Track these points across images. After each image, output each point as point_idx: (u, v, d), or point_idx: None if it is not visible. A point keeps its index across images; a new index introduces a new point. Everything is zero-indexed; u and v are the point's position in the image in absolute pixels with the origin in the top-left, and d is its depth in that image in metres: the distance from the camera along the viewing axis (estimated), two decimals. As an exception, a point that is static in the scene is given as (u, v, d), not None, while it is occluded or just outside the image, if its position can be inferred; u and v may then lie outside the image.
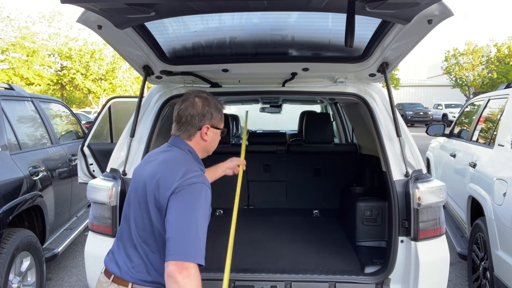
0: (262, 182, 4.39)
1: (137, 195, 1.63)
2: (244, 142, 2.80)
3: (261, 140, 4.83)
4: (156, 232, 1.56)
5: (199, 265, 1.44)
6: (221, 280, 2.53)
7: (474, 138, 4.45)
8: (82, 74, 28.76)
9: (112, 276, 1.62)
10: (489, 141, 3.89)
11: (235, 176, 2.40)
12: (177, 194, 1.49)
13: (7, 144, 3.41)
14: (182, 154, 1.68)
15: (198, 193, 1.52)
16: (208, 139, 1.74)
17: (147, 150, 2.68)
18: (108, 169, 2.66)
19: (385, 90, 2.74)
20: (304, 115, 4.85)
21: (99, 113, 4.82)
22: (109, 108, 4.83)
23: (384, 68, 2.58)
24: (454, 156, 4.81)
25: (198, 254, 1.44)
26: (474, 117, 4.78)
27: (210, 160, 2.20)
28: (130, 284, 1.58)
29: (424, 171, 2.58)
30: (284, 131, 6.23)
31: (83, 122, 6.46)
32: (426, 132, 5.89)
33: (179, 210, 1.47)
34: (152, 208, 1.55)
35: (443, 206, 2.57)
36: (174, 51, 2.55)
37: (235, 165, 2.35)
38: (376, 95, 2.81)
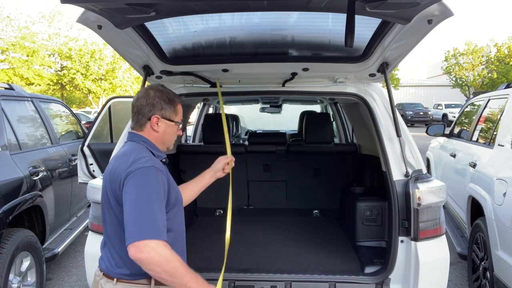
0: (262, 182, 4.39)
1: (103, 197, 1.66)
2: (226, 134, 2.50)
3: (261, 140, 4.83)
4: (122, 226, 1.52)
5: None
6: (225, 280, 2.53)
7: (474, 138, 4.45)
8: (82, 74, 28.76)
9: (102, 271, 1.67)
10: (489, 141, 3.89)
11: (234, 176, 2.37)
12: (127, 182, 1.51)
13: (7, 144, 3.41)
14: (134, 146, 1.68)
15: (146, 175, 1.52)
16: (159, 130, 1.71)
17: None
18: (108, 169, 2.66)
19: (385, 90, 2.74)
20: (304, 115, 4.85)
21: (99, 113, 4.82)
22: (109, 108, 4.83)
23: (384, 68, 2.58)
24: (454, 156, 4.81)
25: (156, 231, 1.43)
26: (474, 117, 4.78)
27: (210, 162, 2.20)
28: (114, 280, 1.60)
29: (424, 171, 2.58)
30: (284, 131, 6.23)
31: (83, 122, 6.46)
32: (426, 132, 5.89)
33: (129, 195, 1.49)
34: (113, 202, 1.58)
35: (443, 206, 2.57)
36: (174, 51, 2.55)
37: (224, 165, 2.19)
38: (376, 95, 2.81)
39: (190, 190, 2.10)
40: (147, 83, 2.85)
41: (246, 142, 4.84)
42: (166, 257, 1.40)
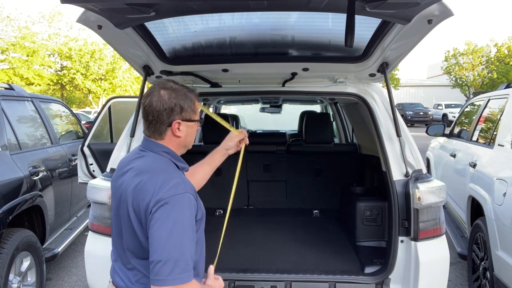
0: (262, 182, 4.39)
1: (122, 212, 1.49)
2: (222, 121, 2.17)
3: (261, 140, 4.83)
4: (144, 247, 1.42)
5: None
6: (225, 280, 2.53)
7: (474, 138, 4.45)
8: (82, 74, 28.77)
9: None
10: (489, 141, 3.89)
11: (234, 175, 2.33)
12: (157, 211, 1.34)
13: (7, 144, 3.41)
14: (157, 159, 1.51)
15: (179, 206, 1.36)
16: (182, 134, 1.53)
17: None
18: (108, 169, 2.66)
19: (385, 90, 2.74)
20: (304, 115, 4.85)
21: (99, 113, 4.82)
22: (109, 108, 4.83)
23: (384, 68, 2.58)
24: (454, 156, 4.81)
25: (187, 275, 1.32)
26: (474, 117, 4.78)
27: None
28: None
29: (424, 171, 2.58)
30: (284, 131, 6.23)
31: (83, 122, 6.46)
32: (426, 132, 5.89)
33: (161, 229, 1.32)
34: (136, 223, 1.42)
35: (443, 206, 2.57)
36: (174, 51, 2.55)
37: (236, 142, 2.01)
38: (376, 95, 2.81)
39: (201, 173, 1.97)
40: (147, 84, 2.85)
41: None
42: None
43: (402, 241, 2.49)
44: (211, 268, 1.64)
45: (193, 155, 2.16)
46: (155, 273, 1.30)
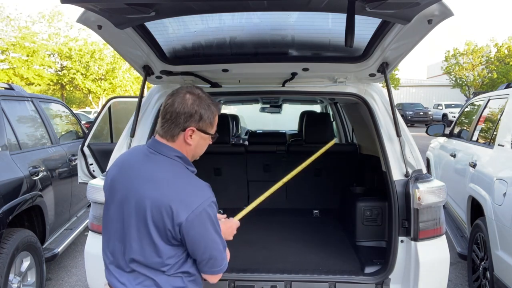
0: (262, 182, 4.38)
1: (131, 220, 1.46)
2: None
3: (261, 140, 4.83)
4: (162, 255, 1.44)
5: None
6: (221, 280, 2.53)
7: (474, 138, 4.45)
8: (82, 74, 28.78)
9: None
10: (489, 141, 3.89)
11: (234, 176, 2.34)
12: (195, 220, 1.39)
13: (7, 144, 3.41)
14: (172, 165, 1.48)
15: (211, 210, 1.43)
16: (193, 143, 1.51)
17: None
18: (108, 169, 2.66)
19: (385, 90, 2.74)
20: (304, 115, 4.85)
21: (99, 113, 4.82)
22: (109, 108, 4.83)
23: (384, 68, 2.58)
24: (454, 156, 4.81)
25: (225, 263, 1.54)
26: (474, 117, 4.78)
27: (210, 162, 2.18)
28: None
29: (424, 171, 2.58)
30: (284, 131, 6.23)
31: (83, 122, 6.46)
32: (426, 132, 5.89)
33: (205, 235, 1.43)
34: (159, 237, 1.41)
35: (443, 206, 2.57)
36: (174, 51, 2.55)
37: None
38: (376, 95, 2.81)
39: None
40: (147, 84, 2.86)
41: (246, 142, 4.84)
42: None
43: (402, 241, 2.49)
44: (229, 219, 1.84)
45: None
46: (210, 266, 1.50)
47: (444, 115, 28.07)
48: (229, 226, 1.82)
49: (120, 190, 1.51)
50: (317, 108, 7.22)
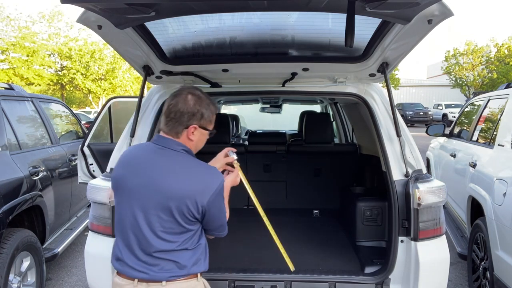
0: (262, 182, 4.39)
1: (146, 207, 1.61)
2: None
3: (261, 140, 4.83)
4: (184, 234, 1.64)
5: None
6: (221, 280, 2.52)
7: (474, 138, 4.45)
8: (82, 74, 28.78)
9: (136, 279, 1.65)
10: (489, 141, 3.89)
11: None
12: (212, 202, 1.62)
13: (7, 144, 3.41)
14: (182, 157, 1.66)
15: (222, 189, 1.67)
16: (194, 139, 1.69)
17: None
18: (108, 169, 2.66)
19: (385, 90, 2.74)
20: (304, 115, 4.85)
21: (99, 113, 4.82)
22: (109, 108, 4.83)
23: (384, 68, 2.58)
24: (454, 156, 4.81)
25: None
26: (474, 117, 4.78)
27: (210, 161, 2.19)
28: (163, 282, 1.64)
29: (424, 171, 2.57)
30: (284, 131, 6.23)
31: (83, 122, 6.46)
32: (426, 132, 5.89)
33: (221, 209, 1.69)
34: (179, 219, 1.60)
35: (443, 206, 2.57)
36: (174, 51, 2.55)
37: (224, 165, 1.99)
38: (376, 95, 2.81)
39: None
40: (147, 84, 2.85)
41: (246, 142, 4.84)
42: None
43: (402, 241, 2.49)
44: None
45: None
46: (220, 231, 1.77)
47: (444, 115, 28.07)
48: (236, 175, 1.95)
49: (133, 185, 1.65)
50: (317, 108, 7.22)
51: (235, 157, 1.97)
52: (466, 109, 5.61)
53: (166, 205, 1.59)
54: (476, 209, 3.71)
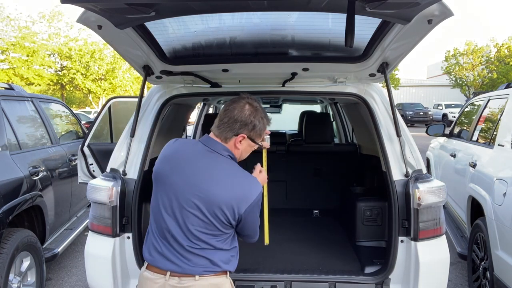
0: None
1: (193, 203, 1.65)
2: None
3: None
4: (219, 236, 1.69)
5: None
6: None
7: (474, 138, 4.45)
8: (82, 74, 28.77)
9: (169, 272, 1.69)
10: (489, 141, 3.89)
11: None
12: (249, 212, 1.67)
13: (7, 144, 3.41)
14: (226, 163, 1.71)
15: (260, 201, 1.72)
16: (241, 147, 1.75)
17: (147, 150, 2.68)
18: (108, 169, 2.66)
19: (385, 90, 2.74)
20: (304, 115, 4.86)
21: (99, 113, 4.82)
22: (109, 108, 4.83)
23: (384, 68, 2.58)
24: (454, 156, 4.81)
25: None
26: (474, 117, 4.78)
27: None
28: (196, 276, 1.68)
29: (424, 171, 2.57)
30: (284, 131, 6.23)
31: (83, 122, 6.46)
32: (426, 132, 5.89)
33: (254, 218, 1.73)
34: (216, 222, 1.65)
35: (443, 206, 2.57)
36: (174, 51, 2.55)
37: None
38: (376, 95, 2.80)
39: None
40: (147, 84, 2.85)
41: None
42: None
43: (402, 241, 2.49)
44: (258, 165, 1.99)
45: None
46: (251, 237, 1.83)
47: (444, 115, 28.07)
48: (264, 176, 2.00)
49: (173, 181, 1.69)
50: (317, 108, 7.22)
51: (269, 143, 2.12)
52: (466, 109, 5.61)
53: (204, 208, 1.63)
54: (476, 209, 3.71)
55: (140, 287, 1.79)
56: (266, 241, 2.37)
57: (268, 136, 2.09)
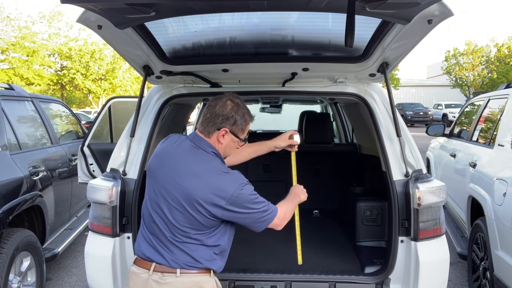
0: (262, 182, 4.39)
1: (175, 198, 1.70)
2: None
3: (261, 140, 4.82)
4: (203, 230, 1.72)
5: None
6: (221, 280, 2.52)
7: (474, 138, 4.45)
8: (82, 74, 28.77)
9: (154, 265, 1.74)
10: (489, 141, 3.89)
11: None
12: (234, 202, 1.69)
13: (7, 144, 3.41)
14: (209, 159, 1.75)
15: (245, 192, 1.72)
16: (224, 142, 1.79)
17: (147, 150, 2.68)
18: (108, 169, 2.66)
19: (385, 90, 2.74)
20: (304, 115, 4.85)
21: (99, 113, 4.82)
22: (109, 108, 4.83)
23: (384, 68, 2.58)
24: (454, 156, 4.81)
25: (269, 216, 1.86)
26: (474, 117, 4.78)
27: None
28: (178, 270, 1.72)
29: (424, 171, 2.57)
30: (284, 131, 6.22)
31: (83, 122, 6.46)
32: (426, 132, 5.89)
33: (239, 213, 1.72)
34: (198, 216, 1.68)
35: (443, 206, 2.57)
36: (174, 51, 2.55)
37: (286, 146, 2.41)
38: (376, 95, 2.80)
39: (245, 154, 2.39)
40: (147, 84, 2.85)
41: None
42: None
43: (402, 241, 2.49)
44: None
45: None
46: (259, 225, 1.82)
47: (444, 115, 28.08)
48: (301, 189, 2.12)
49: (160, 177, 1.76)
50: (317, 108, 7.22)
51: (299, 141, 2.24)
52: (466, 109, 5.61)
53: (184, 202, 1.68)
54: (476, 209, 3.71)
55: (127, 281, 1.87)
56: (300, 260, 2.37)
57: (298, 134, 2.15)
